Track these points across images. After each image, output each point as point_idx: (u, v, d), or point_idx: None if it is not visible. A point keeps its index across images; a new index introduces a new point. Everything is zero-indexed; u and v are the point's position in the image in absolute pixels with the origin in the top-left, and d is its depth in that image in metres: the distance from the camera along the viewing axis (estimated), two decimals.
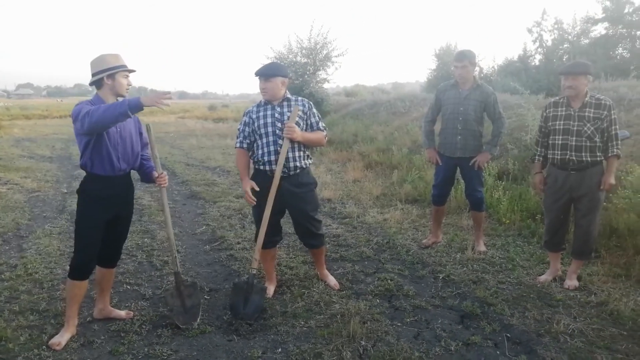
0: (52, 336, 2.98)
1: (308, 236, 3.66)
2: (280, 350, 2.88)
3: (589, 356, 2.79)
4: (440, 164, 4.62)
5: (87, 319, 3.25)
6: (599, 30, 17.97)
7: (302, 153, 3.48)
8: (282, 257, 4.42)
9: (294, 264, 4.24)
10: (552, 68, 15.94)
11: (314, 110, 3.54)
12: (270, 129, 3.39)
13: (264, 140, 3.41)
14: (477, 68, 4.61)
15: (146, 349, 2.88)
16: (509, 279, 3.92)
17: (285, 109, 3.43)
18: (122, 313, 3.29)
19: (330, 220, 5.78)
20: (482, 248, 4.58)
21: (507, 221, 5.34)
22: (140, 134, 3.14)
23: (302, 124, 3.45)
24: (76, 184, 7.66)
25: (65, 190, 7.45)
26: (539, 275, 3.94)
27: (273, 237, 3.60)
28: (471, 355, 2.82)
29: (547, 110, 3.83)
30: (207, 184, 7.98)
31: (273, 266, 3.79)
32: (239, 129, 3.49)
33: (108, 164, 2.89)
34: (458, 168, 4.63)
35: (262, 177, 3.45)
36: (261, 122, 3.40)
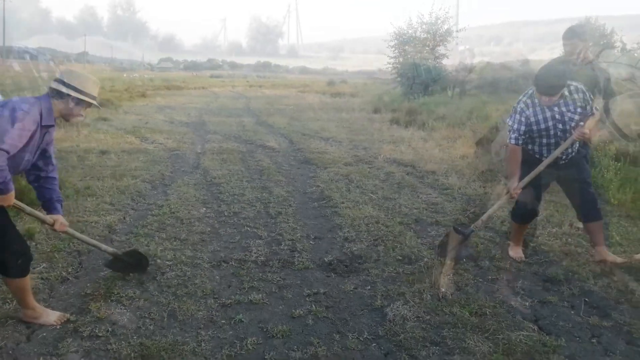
0: (189, 257, 3.76)
1: (592, 204, 3.66)
2: (369, 287, 3.36)
3: None
4: None
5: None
6: None
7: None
8: (380, 217, 4.86)
9: (390, 223, 4.65)
10: None
11: (588, 95, 3.47)
12: (552, 132, 3.48)
13: (544, 140, 3.55)
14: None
15: (260, 274, 3.53)
16: None
17: (564, 108, 3.43)
18: None
19: (430, 190, 6.06)
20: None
21: (616, 202, 5.20)
22: (45, 151, 2.74)
23: (577, 118, 3.41)
24: (209, 146, 8.78)
25: (199, 151, 8.53)
26: (636, 254, 3.92)
27: (536, 208, 3.80)
28: (544, 311, 3.05)
29: None
30: (320, 152, 8.61)
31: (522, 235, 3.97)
32: (513, 126, 3.52)
33: None
34: None
35: (531, 158, 3.60)
36: (542, 126, 3.47)
